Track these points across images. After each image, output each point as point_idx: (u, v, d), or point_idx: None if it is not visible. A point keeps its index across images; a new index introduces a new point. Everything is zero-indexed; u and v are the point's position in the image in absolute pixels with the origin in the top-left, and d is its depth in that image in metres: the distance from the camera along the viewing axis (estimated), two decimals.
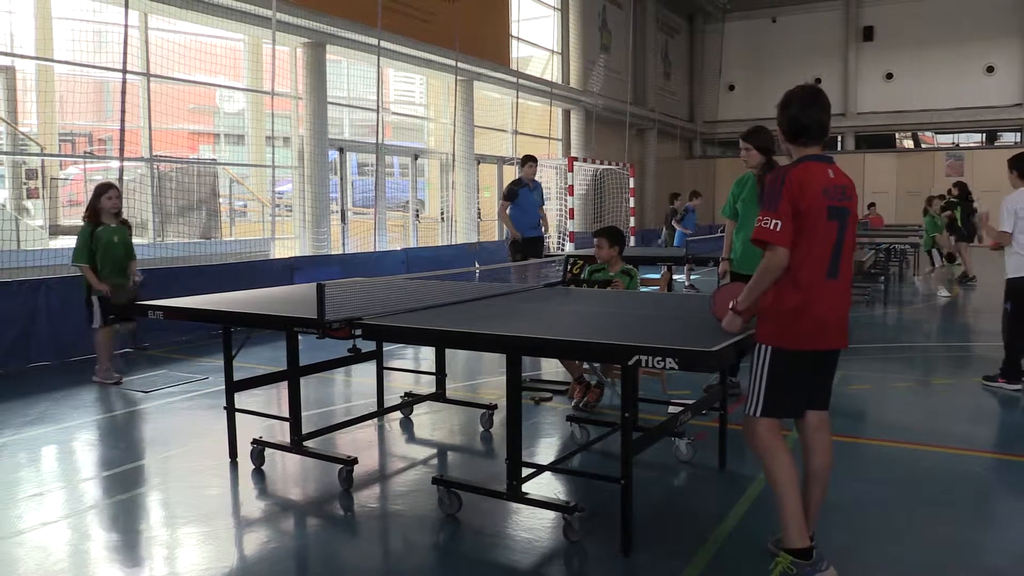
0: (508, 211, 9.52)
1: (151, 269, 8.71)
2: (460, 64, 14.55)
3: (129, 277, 7.00)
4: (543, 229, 9.90)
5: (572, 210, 16.60)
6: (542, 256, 9.51)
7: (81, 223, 6.96)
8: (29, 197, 10.41)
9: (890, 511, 3.93)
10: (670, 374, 6.07)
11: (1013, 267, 6.20)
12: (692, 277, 14.38)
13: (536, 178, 9.92)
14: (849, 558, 3.44)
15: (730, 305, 3.23)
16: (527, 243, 9.55)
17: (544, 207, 9.97)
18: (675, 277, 11.40)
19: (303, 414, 4.76)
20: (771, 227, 3.02)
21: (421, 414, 5.90)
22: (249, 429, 5.33)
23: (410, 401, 5.79)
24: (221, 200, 12.10)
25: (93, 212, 6.89)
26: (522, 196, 9.51)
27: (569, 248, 16.16)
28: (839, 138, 26.72)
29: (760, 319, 3.19)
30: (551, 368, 7.23)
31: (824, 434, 3.34)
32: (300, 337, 4.51)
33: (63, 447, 5.29)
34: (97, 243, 6.79)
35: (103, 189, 6.94)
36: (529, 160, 9.77)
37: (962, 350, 8.57)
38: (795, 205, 3.03)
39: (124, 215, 7.43)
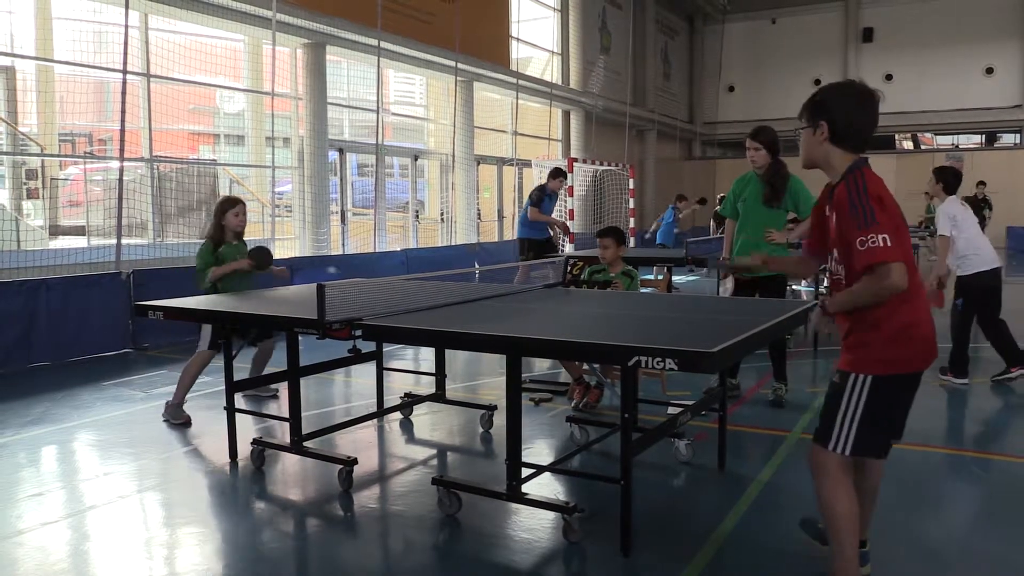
0: (538, 212, 10.53)
1: (151, 270, 8.74)
2: (460, 65, 14.56)
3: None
4: (549, 233, 11.02)
5: (572, 211, 16.59)
6: (551, 254, 10.38)
7: (202, 241, 6.02)
8: (29, 197, 10.42)
9: (891, 512, 3.93)
10: (670, 375, 6.08)
11: (962, 266, 6.48)
12: (687, 279, 14.43)
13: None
14: None
15: (820, 303, 2.97)
16: (540, 244, 10.53)
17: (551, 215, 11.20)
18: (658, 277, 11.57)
19: (303, 415, 4.76)
20: (881, 244, 2.65)
21: (421, 415, 5.90)
22: (249, 430, 5.34)
23: (410, 402, 5.79)
24: None
25: (218, 229, 5.92)
26: (544, 203, 10.64)
27: (569, 249, 16.17)
28: None
29: (859, 346, 2.87)
30: (551, 369, 7.23)
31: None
32: (300, 337, 4.51)
33: (63, 447, 5.29)
34: (221, 263, 5.82)
35: (229, 204, 5.98)
36: (561, 175, 10.93)
37: None
38: (889, 211, 2.73)
39: (124, 217, 7.24)
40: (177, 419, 5.66)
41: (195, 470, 4.78)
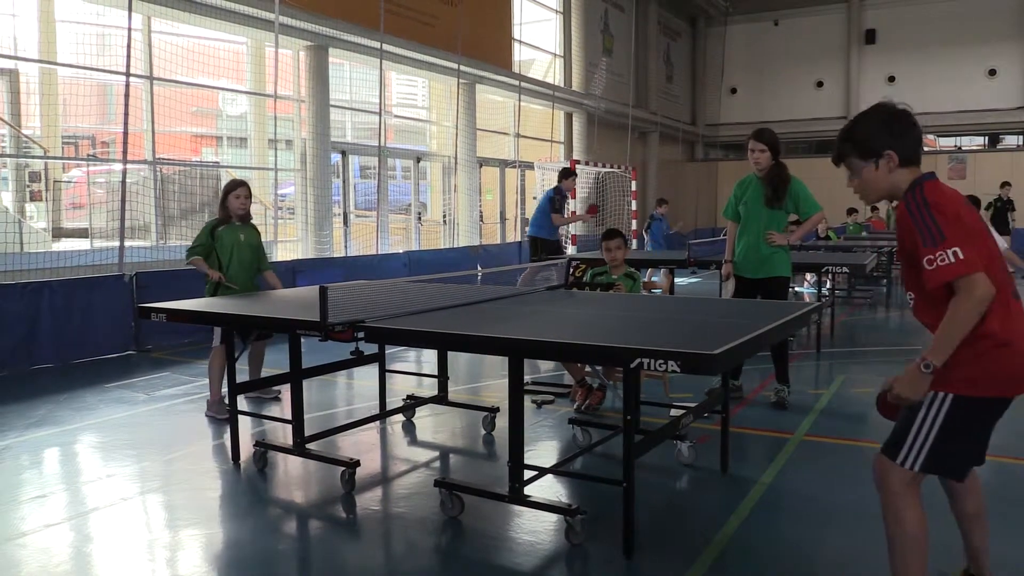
0: (561, 217, 10.66)
1: (154, 272, 8.75)
2: (462, 67, 14.57)
3: (257, 287, 6.12)
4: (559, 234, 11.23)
5: (574, 212, 16.59)
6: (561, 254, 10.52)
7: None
8: (32, 200, 10.44)
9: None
10: (672, 377, 6.07)
11: None
12: (689, 280, 14.46)
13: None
14: (851, 563, 3.44)
15: (919, 362, 2.55)
16: (552, 245, 10.61)
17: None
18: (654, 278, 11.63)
19: (305, 417, 4.76)
20: (951, 260, 2.45)
21: (423, 417, 5.90)
22: (252, 431, 5.35)
23: (412, 404, 5.79)
24: None
25: (223, 211, 6.06)
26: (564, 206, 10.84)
27: (571, 251, 16.17)
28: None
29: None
30: (556, 371, 7.23)
31: (976, 482, 2.93)
32: (303, 339, 4.51)
33: (66, 450, 5.30)
34: (219, 243, 5.95)
35: (232, 187, 6.07)
36: (571, 174, 11.11)
37: None
38: (959, 222, 2.52)
39: (127, 219, 7.27)
40: (220, 414, 5.78)
41: (198, 472, 4.78)
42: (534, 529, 3.83)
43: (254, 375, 6.20)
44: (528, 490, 3.84)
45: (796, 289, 12.18)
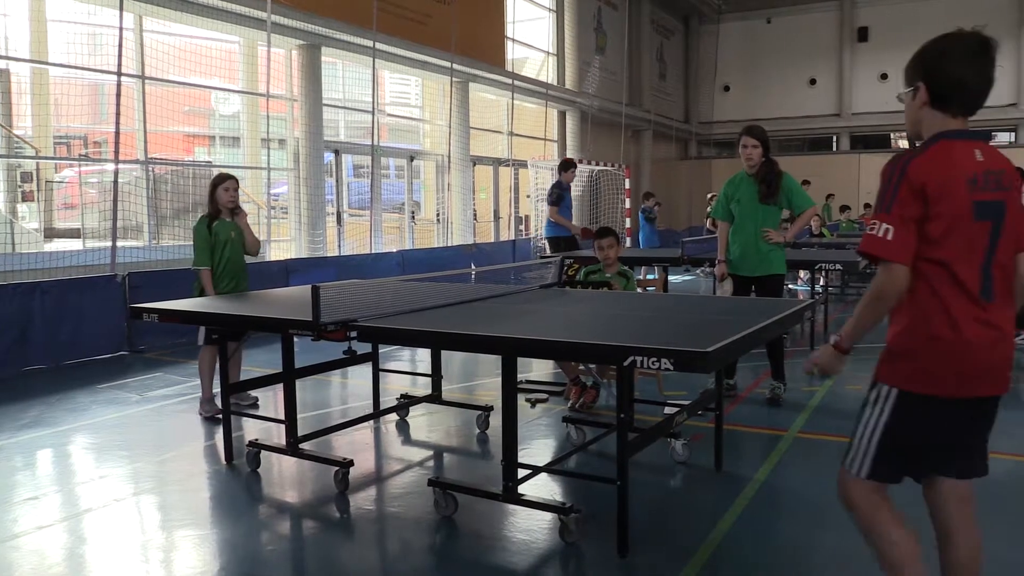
0: (559, 213, 10.25)
1: (146, 272, 8.72)
2: (456, 66, 14.55)
3: (247, 283, 6.09)
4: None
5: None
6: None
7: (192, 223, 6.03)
8: (24, 200, 10.39)
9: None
10: (666, 375, 6.08)
11: None
12: (683, 278, 14.49)
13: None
14: (848, 560, 3.45)
15: (831, 340, 2.46)
16: (568, 241, 10.28)
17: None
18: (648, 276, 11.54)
19: (299, 416, 4.75)
20: (880, 234, 2.25)
21: (417, 416, 5.89)
22: (245, 432, 5.33)
23: (406, 403, 5.79)
24: None
25: (212, 205, 5.94)
26: (566, 199, 10.39)
27: None
28: (834, 138, 26.80)
29: (886, 353, 2.40)
30: (547, 369, 7.23)
31: (965, 509, 2.49)
32: (295, 339, 4.50)
33: (59, 451, 5.28)
34: (216, 240, 5.87)
35: (220, 180, 6.00)
36: (571, 165, 10.67)
37: None
38: (923, 204, 2.24)
39: (119, 219, 7.22)
40: (208, 412, 5.85)
41: (191, 473, 4.76)
42: (528, 528, 3.83)
43: (233, 378, 6.06)
44: (522, 489, 3.84)
45: (790, 286, 12.20)
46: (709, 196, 15.54)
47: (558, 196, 10.25)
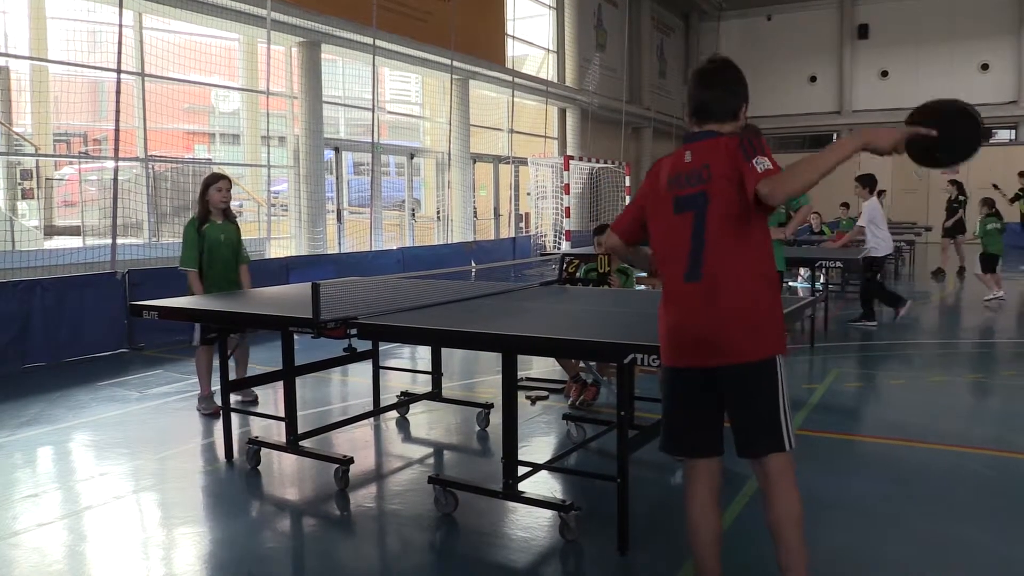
0: None
1: (146, 270, 8.72)
2: (456, 63, 14.54)
3: (238, 284, 6.00)
4: None
5: (568, 208, 16.60)
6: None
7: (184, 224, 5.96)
8: (24, 198, 10.39)
9: (887, 509, 3.94)
10: None
11: (871, 250, 8.91)
12: None
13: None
14: (846, 557, 3.45)
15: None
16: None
17: None
18: None
19: (299, 414, 4.75)
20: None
21: (417, 413, 5.89)
22: (245, 429, 5.34)
23: (406, 400, 5.79)
24: None
25: (203, 207, 5.85)
26: None
27: (565, 247, 16.17)
28: (834, 136, 26.77)
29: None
30: (547, 367, 7.23)
31: (774, 484, 2.78)
32: (296, 337, 4.50)
33: (59, 448, 5.28)
34: (205, 242, 5.80)
35: (212, 180, 5.90)
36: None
37: (954, 347, 8.58)
38: (642, 198, 2.92)
39: (119, 216, 7.21)
40: (207, 409, 5.85)
41: (191, 470, 4.77)
42: (528, 525, 3.83)
43: (240, 373, 6.09)
44: (522, 486, 3.85)
45: (790, 284, 12.20)
46: None
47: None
